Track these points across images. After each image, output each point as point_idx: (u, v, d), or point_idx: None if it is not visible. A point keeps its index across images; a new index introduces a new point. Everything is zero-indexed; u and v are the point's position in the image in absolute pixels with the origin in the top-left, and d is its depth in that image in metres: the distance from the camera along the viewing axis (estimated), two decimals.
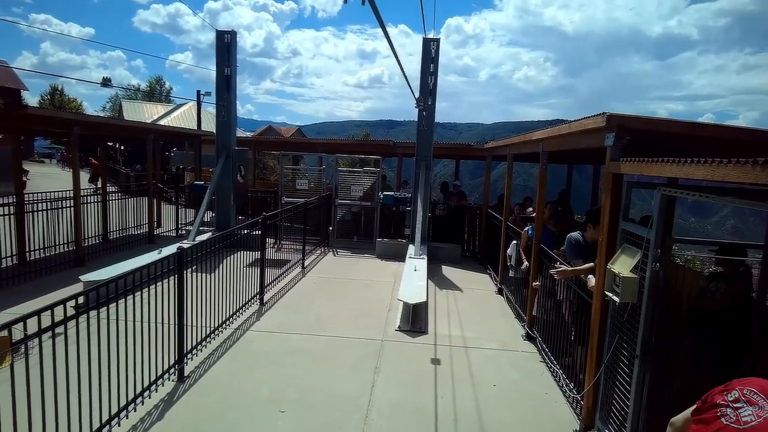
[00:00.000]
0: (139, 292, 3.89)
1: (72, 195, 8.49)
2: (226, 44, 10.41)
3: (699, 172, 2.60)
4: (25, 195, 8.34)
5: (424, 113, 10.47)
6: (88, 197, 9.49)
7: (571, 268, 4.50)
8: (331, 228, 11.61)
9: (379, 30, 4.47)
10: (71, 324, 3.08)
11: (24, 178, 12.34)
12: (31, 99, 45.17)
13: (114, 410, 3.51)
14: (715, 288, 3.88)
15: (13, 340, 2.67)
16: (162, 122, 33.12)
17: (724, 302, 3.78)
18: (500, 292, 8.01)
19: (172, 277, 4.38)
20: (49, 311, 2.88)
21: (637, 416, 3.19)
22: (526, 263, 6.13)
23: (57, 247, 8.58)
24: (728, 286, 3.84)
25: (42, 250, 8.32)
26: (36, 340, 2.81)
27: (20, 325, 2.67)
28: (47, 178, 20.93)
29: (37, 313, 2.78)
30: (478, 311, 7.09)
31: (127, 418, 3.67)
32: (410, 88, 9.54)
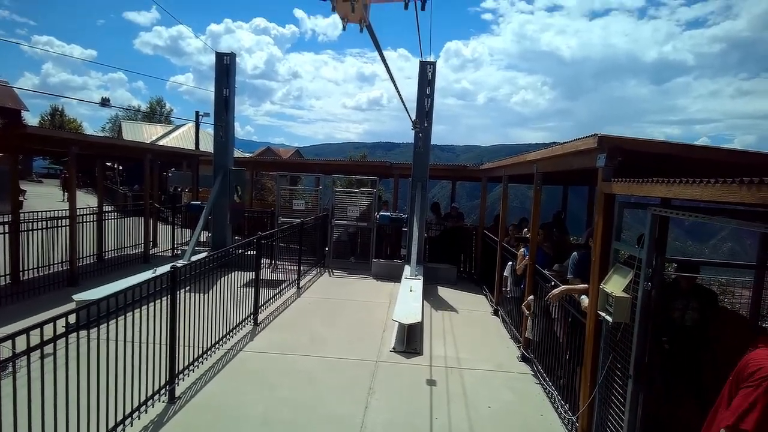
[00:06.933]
0: (131, 312, 3.86)
1: (68, 215, 8.51)
2: (225, 66, 10.55)
3: (687, 191, 2.62)
4: (21, 214, 8.33)
5: (421, 135, 10.56)
6: (84, 217, 9.49)
7: (565, 287, 4.50)
8: (327, 248, 11.59)
9: (378, 54, 4.54)
10: (61, 343, 3.06)
11: (21, 198, 12.34)
12: (31, 119, 45.41)
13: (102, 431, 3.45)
14: (682, 305, 3.85)
15: (1, 358, 2.65)
16: (161, 143, 33.28)
17: (694, 317, 3.79)
18: (496, 313, 7.97)
19: (165, 297, 4.36)
20: (38, 330, 2.86)
21: None
22: (531, 297, 5.75)
23: (51, 266, 8.53)
24: (691, 301, 3.83)
25: (36, 270, 8.28)
26: (24, 360, 2.78)
27: (8, 343, 2.65)
28: (44, 198, 20.92)
29: (26, 331, 2.76)
30: (473, 332, 7.05)
31: None
32: (407, 110, 9.65)
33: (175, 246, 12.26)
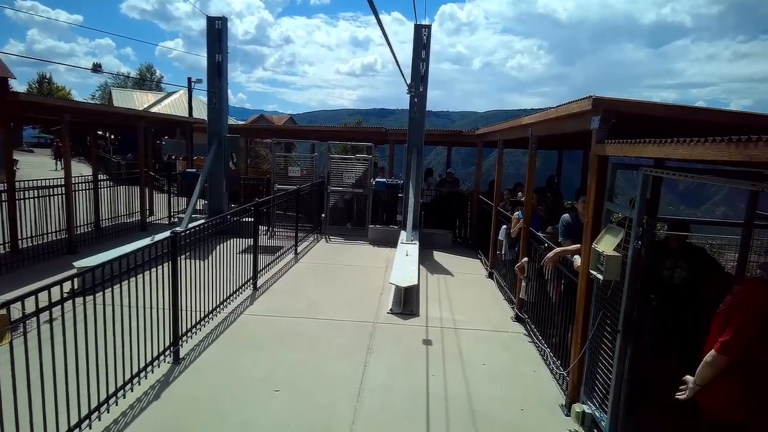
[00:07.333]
0: (134, 277, 3.94)
1: (63, 183, 8.50)
2: (217, 31, 10.34)
3: (678, 151, 2.68)
4: (17, 183, 8.32)
5: (416, 100, 10.50)
6: (80, 185, 9.48)
7: (558, 249, 4.61)
8: (323, 215, 11.66)
9: (372, 18, 4.49)
10: (68, 306, 3.14)
11: (14, 168, 12.26)
12: (18, 87, 44.53)
13: (111, 389, 3.59)
14: (671, 264, 3.95)
15: (12, 319, 2.73)
16: (153, 110, 32.82)
17: (683, 276, 3.90)
18: (491, 276, 8.13)
19: (167, 262, 4.43)
20: (46, 292, 2.94)
21: (619, 390, 3.31)
22: (525, 260, 5.91)
23: (49, 235, 8.59)
24: (680, 260, 3.93)
25: (34, 238, 8.33)
26: (35, 322, 2.86)
27: (18, 305, 2.73)
28: (37, 168, 20.76)
29: (35, 293, 2.83)
30: (468, 294, 7.21)
31: (124, 397, 3.75)
32: (402, 74, 9.56)
33: (172, 214, 12.31)
